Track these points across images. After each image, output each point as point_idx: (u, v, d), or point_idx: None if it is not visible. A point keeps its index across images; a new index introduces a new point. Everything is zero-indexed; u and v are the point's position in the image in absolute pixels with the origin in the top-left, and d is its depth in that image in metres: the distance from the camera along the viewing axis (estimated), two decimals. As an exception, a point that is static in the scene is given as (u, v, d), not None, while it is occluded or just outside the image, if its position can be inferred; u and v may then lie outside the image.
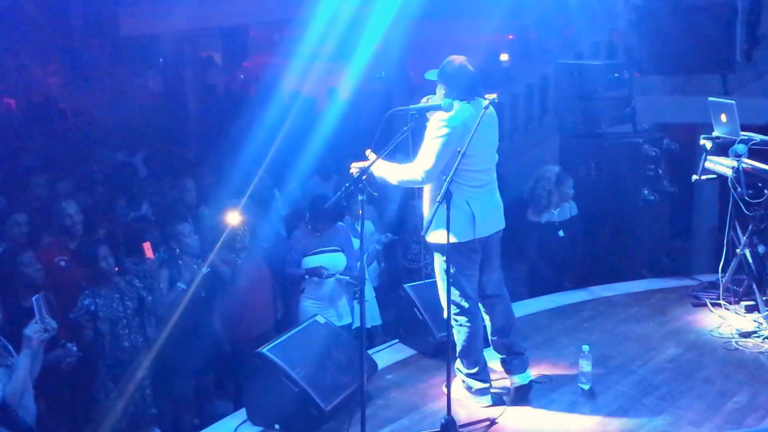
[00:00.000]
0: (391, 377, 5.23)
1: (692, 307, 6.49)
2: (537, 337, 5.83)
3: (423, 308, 5.50)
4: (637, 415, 4.59)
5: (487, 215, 4.60)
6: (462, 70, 4.58)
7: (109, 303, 5.19)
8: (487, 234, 4.63)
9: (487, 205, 4.62)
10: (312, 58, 10.94)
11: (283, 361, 4.50)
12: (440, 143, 4.41)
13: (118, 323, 5.20)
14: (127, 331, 5.23)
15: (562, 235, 6.83)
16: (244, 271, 5.96)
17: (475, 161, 4.46)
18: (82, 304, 5.13)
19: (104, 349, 5.17)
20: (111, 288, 5.24)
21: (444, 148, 4.40)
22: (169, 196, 7.52)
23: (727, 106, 6.30)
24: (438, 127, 4.43)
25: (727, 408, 4.67)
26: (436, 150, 4.42)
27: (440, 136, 4.42)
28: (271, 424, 4.52)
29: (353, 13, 9.78)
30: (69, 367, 4.76)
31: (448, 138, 4.40)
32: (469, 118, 4.43)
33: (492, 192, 4.70)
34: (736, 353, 5.50)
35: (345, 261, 6.12)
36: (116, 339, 5.20)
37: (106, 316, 5.14)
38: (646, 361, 5.40)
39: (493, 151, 4.72)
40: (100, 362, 5.16)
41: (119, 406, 5.09)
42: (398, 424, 4.56)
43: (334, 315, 5.99)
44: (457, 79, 4.56)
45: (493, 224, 4.68)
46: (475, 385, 4.72)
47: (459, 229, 4.45)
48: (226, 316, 5.96)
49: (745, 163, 5.97)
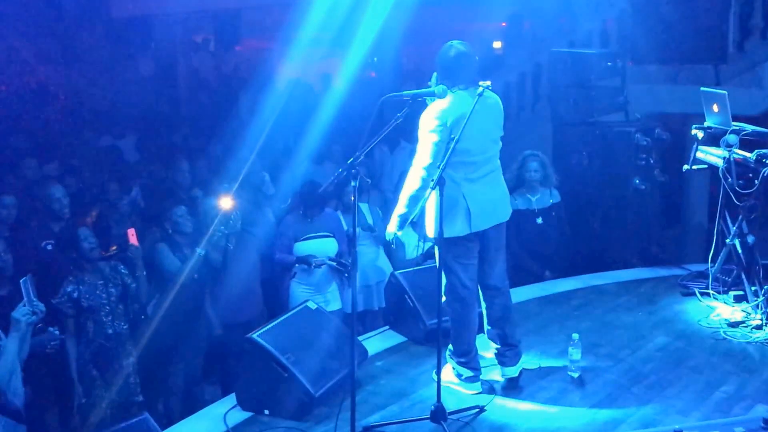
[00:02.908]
0: (381, 364, 5.24)
1: (681, 296, 6.51)
2: (527, 324, 5.84)
3: (413, 295, 5.51)
4: (626, 404, 4.61)
5: (484, 208, 4.53)
6: (459, 57, 4.49)
7: (93, 290, 5.12)
8: (485, 227, 4.57)
9: (485, 197, 4.54)
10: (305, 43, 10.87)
11: (274, 346, 4.50)
12: (434, 137, 4.37)
13: (102, 310, 5.14)
14: (111, 318, 5.18)
15: (540, 223, 6.78)
16: (237, 256, 5.94)
17: (470, 151, 4.41)
18: (65, 291, 5.06)
19: (88, 336, 5.11)
20: (95, 274, 5.18)
21: (439, 141, 4.35)
22: (161, 180, 7.48)
23: (719, 96, 6.30)
24: (430, 121, 4.39)
25: (714, 397, 4.70)
26: (431, 144, 4.38)
27: (433, 129, 4.38)
28: (260, 410, 4.52)
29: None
30: (53, 351, 4.74)
31: (441, 130, 4.35)
32: (464, 106, 4.35)
33: (492, 183, 4.62)
34: (724, 343, 5.53)
35: (336, 246, 6.11)
36: (100, 326, 5.14)
37: (90, 304, 5.08)
38: (634, 350, 5.43)
39: (493, 140, 4.63)
40: (84, 349, 5.12)
41: (104, 393, 5.07)
42: (388, 410, 4.57)
43: (323, 301, 5.98)
44: (453, 66, 4.48)
45: (492, 217, 4.60)
46: (465, 372, 4.72)
47: (454, 223, 4.42)
48: (217, 300, 5.96)
49: (736, 154, 5.98)
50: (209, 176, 7.20)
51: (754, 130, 6.16)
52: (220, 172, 7.01)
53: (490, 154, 4.60)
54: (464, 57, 4.50)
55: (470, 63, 4.52)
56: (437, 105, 4.39)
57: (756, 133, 6.15)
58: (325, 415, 4.46)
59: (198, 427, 4.51)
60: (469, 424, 4.36)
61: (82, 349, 5.11)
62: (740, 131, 6.08)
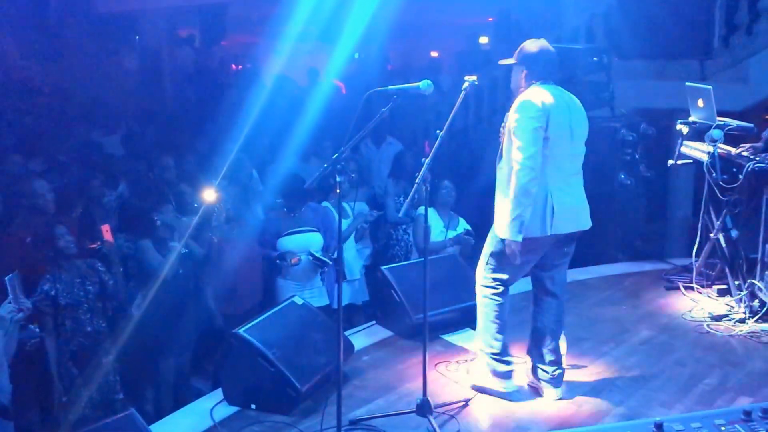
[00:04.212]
0: (367, 358, 5.25)
1: (665, 290, 6.57)
2: (513, 318, 5.78)
3: (400, 290, 5.52)
4: (610, 397, 4.64)
5: (568, 211, 4.35)
6: (543, 52, 4.46)
7: (70, 287, 5.05)
8: (564, 231, 4.39)
9: (570, 200, 4.38)
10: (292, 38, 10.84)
11: (260, 341, 4.50)
12: (533, 123, 4.23)
13: (80, 308, 5.08)
14: (89, 316, 5.12)
15: None
16: (236, 247, 5.95)
17: (560, 147, 4.32)
18: (42, 289, 4.97)
19: (66, 334, 5.05)
20: (72, 272, 5.11)
21: (538, 128, 4.23)
22: (146, 176, 7.45)
23: (704, 91, 6.34)
24: (527, 109, 4.27)
25: (698, 390, 4.75)
26: (531, 131, 4.23)
27: (532, 116, 4.24)
28: (247, 405, 4.52)
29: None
30: (33, 349, 4.71)
31: (539, 116, 4.24)
32: (555, 101, 4.32)
33: (576, 188, 4.48)
34: (707, 336, 5.58)
35: (321, 240, 6.11)
36: (78, 324, 5.08)
37: (67, 301, 5.02)
38: (619, 343, 5.47)
39: (580, 142, 4.50)
40: (63, 347, 5.05)
41: (84, 391, 5.02)
42: (374, 404, 4.58)
43: (310, 296, 5.98)
44: (538, 60, 4.44)
45: (573, 223, 4.42)
46: (499, 367, 4.59)
47: (533, 222, 4.26)
48: (217, 292, 5.98)
49: (720, 149, 6.03)
50: (196, 172, 7.17)
51: (738, 125, 6.21)
52: (206, 167, 6.98)
53: (576, 154, 4.49)
54: (548, 52, 4.48)
55: (553, 59, 4.50)
56: (532, 95, 4.32)
57: (740, 128, 6.20)
58: (312, 409, 4.47)
59: (185, 422, 4.50)
60: (455, 417, 4.38)
61: (62, 347, 5.03)
62: (725, 126, 6.13)
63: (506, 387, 4.61)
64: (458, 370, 5.00)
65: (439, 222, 6.51)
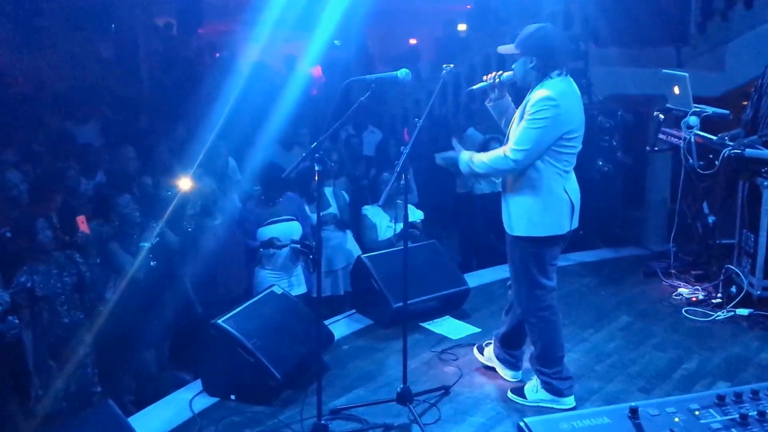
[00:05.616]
0: (347, 347, 5.24)
1: (644, 276, 6.61)
2: (491, 306, 5.89)
3: (380, 278, 5.51)
4: (590, 382, 4.67)
5: (578, 204, 4.20)
6: (556, 40, 4.09)
7: (47, 279, 5.00)
8: (576, 226, 4.23)
9: (578, 191, 4.23)
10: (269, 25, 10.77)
11: (239, 331, 4.48)
12: (546, 124, 3.92)
13: (57, 299, 5.03)
14: (67, 308, 5.08)
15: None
16: (215, 235, 5.90)
17: (577, 140, 4.08)
18: (18, 281, 4.92)
19: (43, 325, 5.00)
20: (50, 263, 5.06)
21: (549, 130, 3.94)
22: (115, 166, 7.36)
23: (680, 78, 6.37)
24: (545, 105, 3.93)
25: (676, 375, 4.79)
26: (540, 131, 3.94)
27: (548, 116, 3.93)
28: (226, 395, 4.50)
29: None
30: (14, 341, 4.65)
31: (556, 114, 3.93)
32: (572, 93, 4.06)
33: (574, 177, 4.25)
34: (686, 321, 5.64)
35: (300, 229, 6.07)
36: (56, 316, 5.03)
37: (44, 293, 4.97)
38: (598, 329, 5.51)
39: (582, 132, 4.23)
40: (40, 339, 4.99)
41: (61, 384, 4.96)
42: (354, 393, 4.58)
43: (288, 285, 5.95)
44: (549, 48, 4.03)
45: (578, 216, 4.25)
46: (562, 384, 4.32)
47: (558, 219, 4.10)
48: (195, 280, 5.92)
49: (696, 135, 6.06)
50: (165, 160, 7.09)
51: (714, 111, 6.24)
52: (182, 155, 6.91)
53: (579, 148, 4.21)
54: (558, 38, 4.13)
55: (564, 45, 4.19)
56: (552, 88, 3.97)
57: (717, 115, 6.24)
58: (292, 398, 4.45)
59: (164, 413, 4.46)
60: (435, 406, 4.39)
61: (39, 339, 4.98)
62: (701, 113, 6.16)
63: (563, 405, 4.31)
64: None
65: (385, 217, 6.49)
